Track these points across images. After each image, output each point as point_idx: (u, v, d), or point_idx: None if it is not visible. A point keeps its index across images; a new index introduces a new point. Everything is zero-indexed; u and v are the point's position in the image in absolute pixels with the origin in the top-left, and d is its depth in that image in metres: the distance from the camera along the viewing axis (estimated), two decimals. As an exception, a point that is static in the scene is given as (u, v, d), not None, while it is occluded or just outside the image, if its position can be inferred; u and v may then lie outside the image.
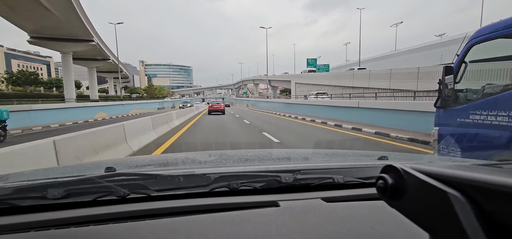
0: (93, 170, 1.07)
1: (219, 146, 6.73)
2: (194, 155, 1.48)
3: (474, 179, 0.28)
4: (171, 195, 0.76)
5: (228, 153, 1.56)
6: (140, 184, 0.77)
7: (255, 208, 0.72)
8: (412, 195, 0.34)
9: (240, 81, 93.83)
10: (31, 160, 2.91)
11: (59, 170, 1.30)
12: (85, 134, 4.19)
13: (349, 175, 0.89)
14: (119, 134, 5.48)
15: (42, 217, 0.66)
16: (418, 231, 0.34)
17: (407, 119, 8.95)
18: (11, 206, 0.69)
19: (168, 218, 0.67)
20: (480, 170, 0.30)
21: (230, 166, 1.14)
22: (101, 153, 4.46)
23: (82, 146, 3.99)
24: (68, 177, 0.83)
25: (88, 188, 0.73)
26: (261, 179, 0.83)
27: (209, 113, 20.78)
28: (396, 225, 0.60)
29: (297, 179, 0.84)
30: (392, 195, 0.37)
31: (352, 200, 0.79)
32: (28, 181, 0.77)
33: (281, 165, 1.10)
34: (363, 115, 12.00)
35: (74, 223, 0.65)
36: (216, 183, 0.80)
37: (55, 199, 0.69)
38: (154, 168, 1.12)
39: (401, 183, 0.36)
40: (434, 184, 0.31)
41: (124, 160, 1.79)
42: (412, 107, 8.91)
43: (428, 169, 0.33)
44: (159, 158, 1.63)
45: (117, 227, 0.63)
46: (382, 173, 0.39)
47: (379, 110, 10.86)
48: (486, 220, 0.27)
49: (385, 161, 1.12)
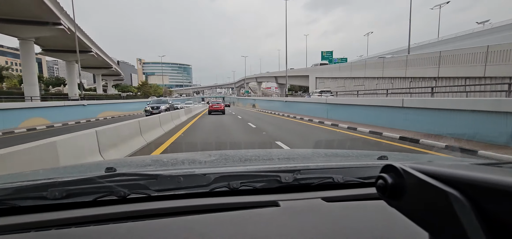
0: (93, 170, 1.07)
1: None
2: (194, 155, 1.49)
3: (474, 179, 0.28)
4: (171, 195, 0.76)
5: (228, 153, 1.56)
6: (141, 184, 0.77)
7: (255, 208, 0.72)
8: (412, 195, 0.34)
9: (242, 80, 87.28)
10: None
11: (59, 170, 1.30)
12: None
13: (349, 174, 0.89)
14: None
15: (42, 217, 0.66)
16: (418, 231, 0.34)
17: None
18: (12, 206, 0.69)
19: (168, 218, 0.67)
20: (479, 170, 0.30)
21: (230, 166, 1.14)
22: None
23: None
24: (68, 177, 0.84)
25: (88, 188, 0.73)
26: (261, 179, 0.83)
27: (209, 113, 21.00)
28: (396, 224, 0.60)
29: (297, 179, 0.84)
30: (392, 194, 0.37)
31: (352, 200, 0.79)
32: (28, 181, 0.77)
33: (281, 165, 1.08)
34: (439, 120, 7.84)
35: (75, 223, 0.65)
36: (216, 183, 0.80)
37: (55, 199, 0.69)
38: (154, 168, 1.12)
39: (401, 182, 0.36)
40: (434, 184, 0.31)
41: (125, 160, 1.77)
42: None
43: (428, 169, 0.33)
44: (160, 158, 1.62)
45: (117, 227, 0.63)
46: (382, 173, 0.39)
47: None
48: (486, 219, 0.27)
49: (385, 160, 1.11)
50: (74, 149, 3.83)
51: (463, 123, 7.04)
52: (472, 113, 6.74)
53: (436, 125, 7.85)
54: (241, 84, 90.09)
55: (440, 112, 7.79)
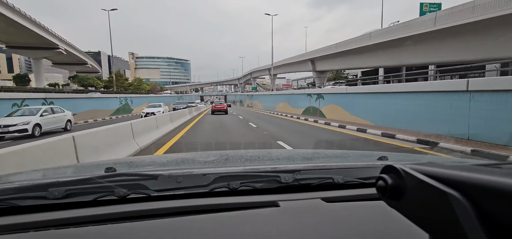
0: (93, 170, 1.08)
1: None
2: (194, 155, 1.51)
3: (474, 180, 0.28)
4: (171, 195, 0.76)
5: (228, 153, 1.56)
6: (140, 184, 0.77)
7: (255, 208, 0.72)
8: (412, 196, 0.34)
9: (249, 73, 70.79)
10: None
11: (59, 170, 1.29)
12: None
13: (349, 175, 0.89)
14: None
15: (42, 217, 0.66)
16: (418, 232, 0.34)
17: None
18: (11, 206, 0.69)
19: (168, 218, 0.67)
20: (480, 171, 0.30)
21: (230, 166, 1.14)
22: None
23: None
24: (68, 177, 0.85)
25: (88, 188, 0.73)
26: (261, 179, 0.83)
27: (212, 113, 21.01)
28: (396, 225, 0.60)
29: (297, 179, 0.84)
30: (392, 195, 0.37)
31: (352, 200, 0.79)
32: (28, 181, 0.77)
33: (281, 165, 1.09)
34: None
35: (74, 223, 0.65)
36: (216, 183, 0.80)
37: (55, 199, 0.69)
38: (154, 168, 1.12)
39: (401, 183, 0.36)
40: (434, 185, 0.31)
41: (124, 160, 1.79)
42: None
43: (428, 170, 0.33)
44: (159, 158, 1.64)
45: (117, 227, 0.64)
46: (382, 173, 0.39)
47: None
48: (486, 221, 0.26)
49: (385, 161, 1.11)
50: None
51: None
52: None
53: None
54: (247, 79, 75.06)
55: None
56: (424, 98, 8.53)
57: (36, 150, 3.13)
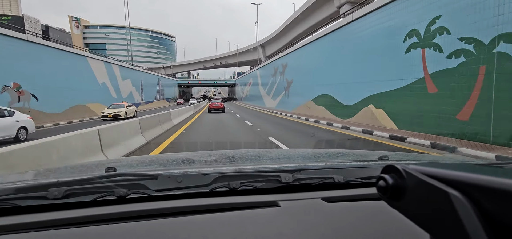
0: (93, 170, 1.07)
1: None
2: (194, 155, 1.50)
3: (475, 180, 0.28)
4: (171, 195, 0.76)
5: (228, 152, 1.56)
6: (141, 184, 0.77)
7: (255, 208, 0.72)
8: (413, 195, 0.34)
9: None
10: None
11: (59, 170, 1.29)
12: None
13: (349, 174, 0.88)
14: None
15: (42, 217, 0.66)
16: (419, 231, 0.34)
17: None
18: (12, 206, 0.69)
19: (168, 218, 0.67)
20: (481, 170, 0.30)
21: (230, 165, 1.14)
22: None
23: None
24: (68, 177, 0.84)
25: (88, 188, 0.73)
26: (261, 179, 0.83)
27: (209, 112, 21.54)
28: (396, 225, 0.60)
29: (297, 179, 0.84)
30: (392, 195, 0.37)
31: (353, 200, 0.79)
32: (28, 181, 0.77)
33: (281, 165, 1.08)
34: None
35: (74, 224, 0.65)
36: (216, 182, 0.80)
37: (55, 199, 0.69)
38: (154, 167, 1.12)
39: (402, 183, 0.36)
40: (435, 185, 0.31)
41: (125, 159, 1.77)
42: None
43: (429, 170, 0.33)
44: (160, 157, 1.61)
45: (117, 227, 0.64)
46: (382, 173, 0.39)
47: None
48: (487, 220, 0.26)
49: (385, 161, 1.11)
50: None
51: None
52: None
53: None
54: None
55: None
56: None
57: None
